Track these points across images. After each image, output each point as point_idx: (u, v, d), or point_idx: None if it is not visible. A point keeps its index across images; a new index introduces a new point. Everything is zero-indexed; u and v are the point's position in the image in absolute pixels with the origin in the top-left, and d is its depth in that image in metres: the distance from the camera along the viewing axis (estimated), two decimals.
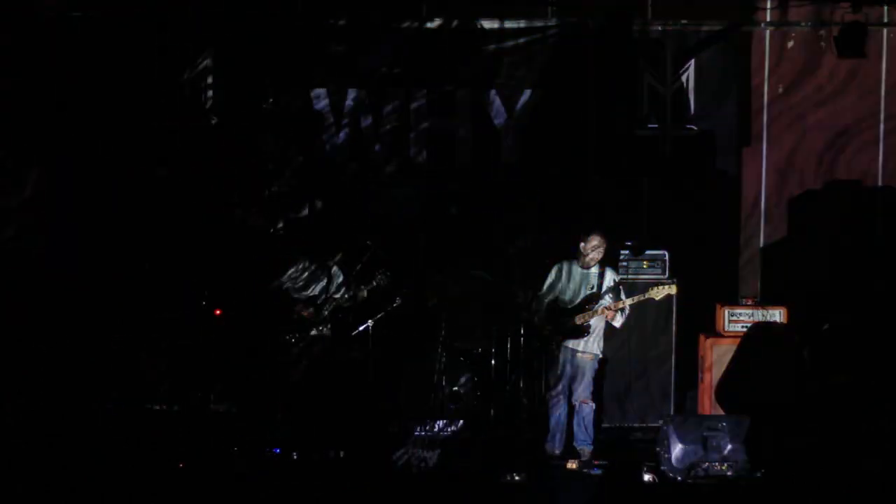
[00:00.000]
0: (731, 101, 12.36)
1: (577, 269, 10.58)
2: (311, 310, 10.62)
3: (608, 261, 10.68)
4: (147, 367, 11.09)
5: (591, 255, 10.51)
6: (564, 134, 12.25)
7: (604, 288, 10.49)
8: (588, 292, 10.49)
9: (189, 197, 12.23)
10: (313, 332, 10.60)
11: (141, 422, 10.74)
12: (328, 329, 10.67)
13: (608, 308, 10.38)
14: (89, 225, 11.97)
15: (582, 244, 10.54)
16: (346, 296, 10.72)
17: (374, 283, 10.60)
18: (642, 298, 10.50)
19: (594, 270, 10.52)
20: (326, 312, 10.70)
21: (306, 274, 10.73)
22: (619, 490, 8.23)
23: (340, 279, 10.77)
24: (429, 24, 12.22)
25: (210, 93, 12.16)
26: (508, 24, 12.21)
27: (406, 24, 12.18)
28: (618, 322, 10.48)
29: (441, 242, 11.90)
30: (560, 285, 10.58)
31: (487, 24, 12.20)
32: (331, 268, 10.72)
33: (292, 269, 10.75)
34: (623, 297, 10.50)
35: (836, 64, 12.13)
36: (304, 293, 10.73)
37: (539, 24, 12.26)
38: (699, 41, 12.25)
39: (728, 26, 12.27)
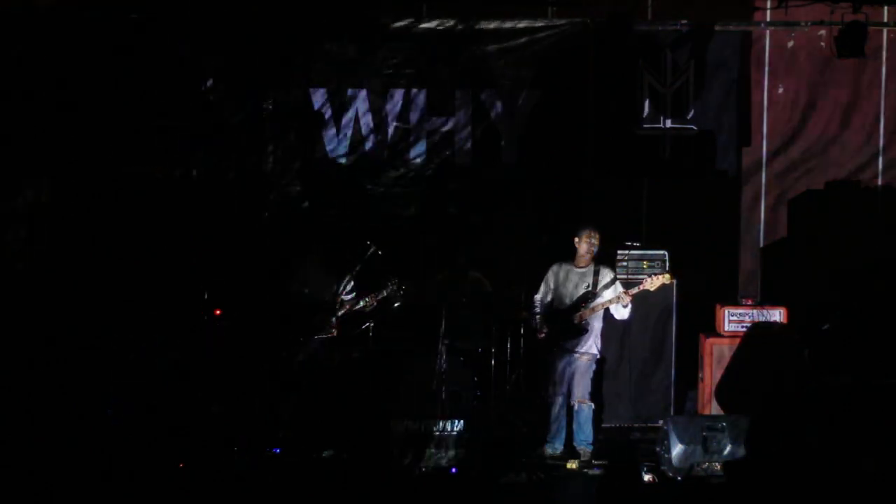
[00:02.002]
0: (731, 100, 12.36)
1: (572, 270, 10.58)
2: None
3: (603, 259, 10.68)
4: (147, 367, 11.10)
5: (583, 249, 10.48)
6: (564, 134, 12.25)
7: (599, 286, 10.49)
8: (584, 291, 10.49)
9: (190, 197, 12.26)
10: (321, 336, 10.60)
11: (141, 422, 10.75)
12: (336, 332, 10.68)
13: (618, 298, 10.36)
14: (90, 225, 11.98)
15: (575, 239, 10.54)
16: (356, 299, 10.71)
17: (385, 293, 10.59)
18: (638, 290, 10.50)
19: (589, 269, 10.52)
20: (336, 317, 10.68)
21: (320, 278, 10.73)
22: (618, 490, 8.24)
23: (350, 283, 10.76)
24: (429, 24, 12.22)
25: (210, 92, 12.17)
26: (508, 24, 12.21)
27: (406, 24, 12.19)
28: (625, 314, 10.47)
29: (441, 242, 11.90)
30: (556, 286, 10.58)
31: (487, 24, 12.21)
32: (342, 272, 10.72)
33: (308, 273, 10.74)
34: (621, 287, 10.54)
35: (835, 64, 12.13)
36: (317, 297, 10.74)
37: (539, 24, 12.26)
38: (699, 41, 12.26)
39: (728, 26, 12.28)
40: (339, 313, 10.67)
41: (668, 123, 12.32)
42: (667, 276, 10.56)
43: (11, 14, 11.89)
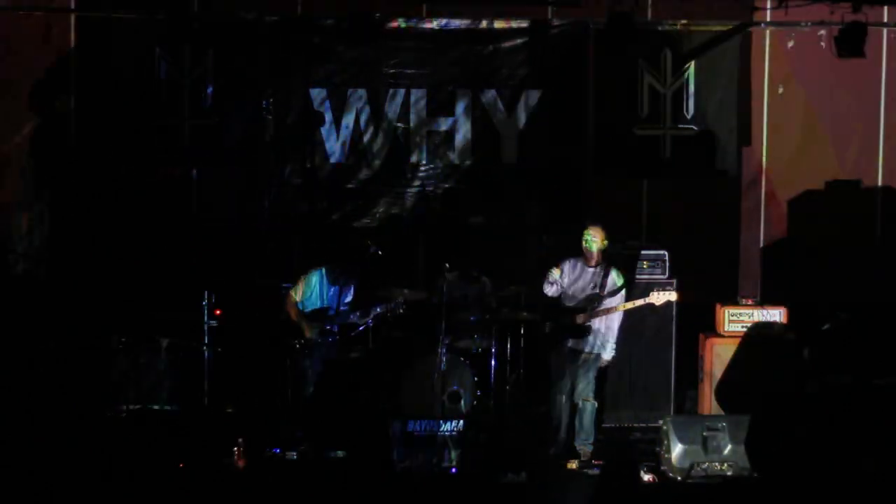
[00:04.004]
0: (731, 101, 12.37)
1: (581, 267, 10.53)
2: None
3: (614, 262, 10.63)
4: (147, 367, 11.10)
5: (592, 248, 10.44)
6: (564, 134, 12.25)
7: (606, 290, 10.44)
8: (591, 292, 10.46)
9: (190, 197, 12.26)
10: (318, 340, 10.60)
11: (141, 422, 10.75)
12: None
13: (621, 307, 10.34)
14: (90, 225, 11.98)
15: (584, 237, 10.50)
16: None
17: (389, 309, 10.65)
18: (642, 304, 10.46)
19: (598, 269, 10.46)
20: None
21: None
22: (618, 490, 8.22)
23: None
24: (429, 24, 12.22)
25: (210, 93, 12.17)
26: (508, 24, 12.21)
27: (406, 24, 12.19)
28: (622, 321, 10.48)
29: (441, 242, 11.91)
30: (564, 283, 10.53)
31: (487, 24, 12.21)
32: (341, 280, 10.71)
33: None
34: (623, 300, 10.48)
35: (835, 64, 12.12)
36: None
37: (539, 24, 12.27)
38: (699, 41, 12.27)
39: (728, 26, 12.28)
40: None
41: (668, 123, 12.33)
42: (674, 293, 10.49)
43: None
